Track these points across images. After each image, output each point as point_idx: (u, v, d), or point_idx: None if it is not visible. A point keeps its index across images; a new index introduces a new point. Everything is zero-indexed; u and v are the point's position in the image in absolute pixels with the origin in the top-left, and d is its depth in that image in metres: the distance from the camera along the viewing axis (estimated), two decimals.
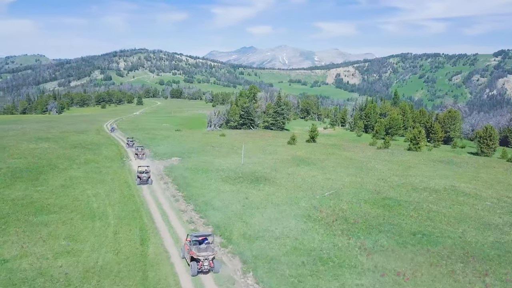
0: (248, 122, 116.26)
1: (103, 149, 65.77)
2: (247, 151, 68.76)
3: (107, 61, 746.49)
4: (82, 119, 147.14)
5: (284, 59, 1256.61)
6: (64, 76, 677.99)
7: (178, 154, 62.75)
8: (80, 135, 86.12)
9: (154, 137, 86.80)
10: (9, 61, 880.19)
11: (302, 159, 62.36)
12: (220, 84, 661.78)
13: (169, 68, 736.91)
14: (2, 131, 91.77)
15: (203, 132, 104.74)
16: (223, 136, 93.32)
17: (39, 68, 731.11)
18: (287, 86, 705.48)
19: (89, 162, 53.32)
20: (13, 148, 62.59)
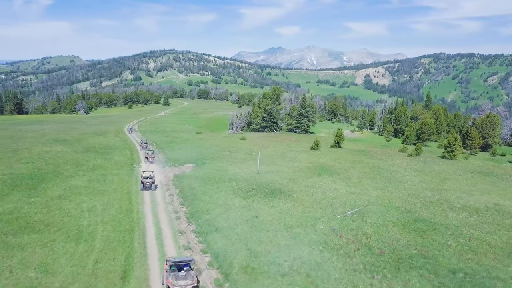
0: (271, 125, 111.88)
1: (115, 154, 63.05)
2: (266, 157, 64.50)
3: (137, 61, 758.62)
4: (105, 120, 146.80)
5: (313, 60, 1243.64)
6: (96, 77, 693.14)
7: (193, 160, 59.16)
8: (98, 137, 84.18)
9: (172, 140, 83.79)
10: (45, 62, 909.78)
11: (325, 167, 57.44)
12: (247, 84, 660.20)
13: (198, 68, 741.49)
14: (23, 132, 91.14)
15: (224, 135, 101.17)
16: (243, 139, 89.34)
17: (73, 69, 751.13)
18: (315, 86, 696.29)
19: (97, 168, 50.40)
20: (25, 152, 60.71)
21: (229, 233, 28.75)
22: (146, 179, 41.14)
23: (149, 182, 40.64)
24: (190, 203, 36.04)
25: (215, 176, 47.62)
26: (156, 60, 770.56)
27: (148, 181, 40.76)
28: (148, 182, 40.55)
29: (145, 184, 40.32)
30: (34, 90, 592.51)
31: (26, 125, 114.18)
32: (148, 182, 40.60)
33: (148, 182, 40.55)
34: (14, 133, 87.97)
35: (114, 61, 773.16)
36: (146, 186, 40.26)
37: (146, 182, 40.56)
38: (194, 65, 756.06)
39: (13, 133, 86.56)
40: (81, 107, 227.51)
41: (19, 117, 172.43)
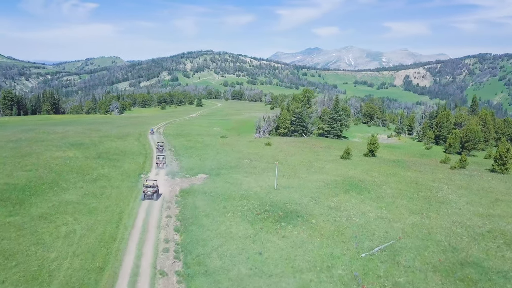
0: (300, 129, 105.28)
1: (127, 160, 58.90)
2: (289, 167, 58.32)
3: (175, 62, 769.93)
4: (134, 121, 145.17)
5: (350, 60, 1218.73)
6: (135, 77, 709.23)
7: (207, 169, 53.95)
8: (117, 141, 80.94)
9: (193, 145, 79.13)
10: (89, 63, 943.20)
11: (354, 182, 50.51)
12: (282, 85, 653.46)
13: (233, 69, 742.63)
14: (46, 133, 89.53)
15: (250, 139, 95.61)
16: (269, 145, 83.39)
17: (114, 69, 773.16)
18: (352, 87, 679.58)
19: (100, 178, 46.12)
20: (33, 157, 57.71)
21: (221, 277, 22.97)
22: (148, 188, 38.65)
23: (150, 191, 38.16)
24: (186, 229, 30.59)
25: (225, 191, 42.02)
26: (193, 61, 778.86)
27: (150, 190, 38.27)
28: (150, 192, 38.13)
29: (146, 193, 38.01)
30: (77, 90, 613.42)
31: (54, 126, 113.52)
32: (149, 191, 38.16)
33: (150, 192, 38.13)
34: (36, 135, 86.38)
35: (153, 61, 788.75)
36: (147, 195, 37.94)
37: (147, 191, 38.19)
38: (230, 66, 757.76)
39: (35, 135, 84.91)
40: (115, 107, 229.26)
41: (53, 117, 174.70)
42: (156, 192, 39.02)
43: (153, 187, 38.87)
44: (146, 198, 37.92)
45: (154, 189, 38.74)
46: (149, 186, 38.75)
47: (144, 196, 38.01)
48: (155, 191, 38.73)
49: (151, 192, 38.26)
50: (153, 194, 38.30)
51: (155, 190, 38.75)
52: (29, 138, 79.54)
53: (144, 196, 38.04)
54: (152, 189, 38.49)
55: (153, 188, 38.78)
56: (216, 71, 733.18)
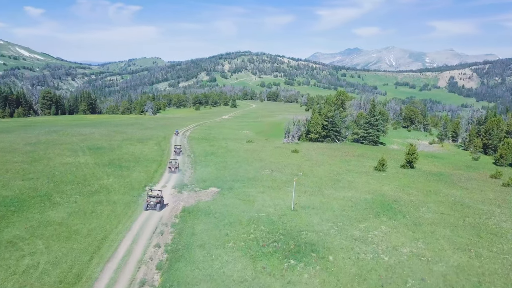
0: (333, 134, 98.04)
1: (138, 168, 54.66)
2: (313, 180, 51.95)
3: (213, 63, 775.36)
4: (164, 123, 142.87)
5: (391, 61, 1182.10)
6: (174, 77, 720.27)
7: (221, 182, 48.59)
8: (137, 145, 77.45)
9: (214, 151, 74.18)
10: (131, 63, 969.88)
11: (387, 202, 43.41)
12: (320, 86, 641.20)
13: (271, 70, 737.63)
14: (69, 135, 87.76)
15: (277, 144, 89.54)
16: (295, 152, 77.03)
17: (154, 70, 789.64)
18: (393, 89, 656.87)
19: (100, 191, 41.84)
20: (42, 163, 54.71)
21: None
22: (151, 198, 37.03)
23: (153, 201, 36.64)
24: (171, 267, 25.16)
25: (233, 212, 36.35)
26: (231, 61, 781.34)
27: (153, 200, 36.73)
28: (153, 202, 36.62)
29: (149, 203, 36.56)
30: (119, 90, 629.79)
31: (82, 127, 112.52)
32: (152, 201, 36.64)
33: (153, 202, 36.62)
34: (58, 137, 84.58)
35: (192, 62, 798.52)
36: (150, 205, 36.53)
37: (150, 201, 36.67)
38: (268, 67, 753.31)
39: (56, 138, 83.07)
40: (150, 107, 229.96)
41: (87, 117, 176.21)
42: (160, 203, 37.15)
43: (156, 198, 37.07)
44: (149, 208, 36.36)
45: (157, 199, 36.95)
46: (153, 196, 37.04)
47: (147, 206, 36.47)
48: (158, 201, 36.90)
49: (154, 202, 36.54)
50: (156, 205, 36.58)
51: (158, 201, 36.92)
52: (49, 141, 77.57)
53: (147, 206, 36.49)
54: (155, 200, 36.73)
55: (156, 198, 37.01)
56: (254, 72, 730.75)
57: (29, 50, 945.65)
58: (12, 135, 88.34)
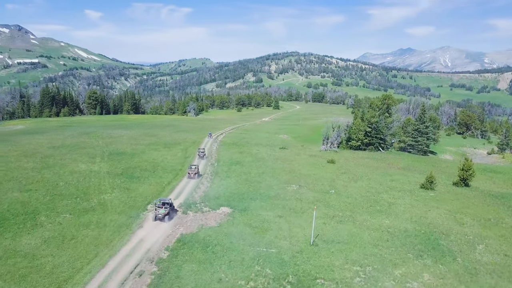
0: (376, 142, 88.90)
1: (150, 179, 49.77)
2: (347, 200, 44.40)
3: (260, 64, 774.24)
4: (201, 125, 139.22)
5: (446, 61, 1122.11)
6: (221, 78, 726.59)
7: (237, 200, 42.37)
8: (162, 150, 73.25)
9: (242, 159, 68.18)
10: (181, 64, 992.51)
11: (433, 235, 35.04)
12: (369, 87, 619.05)
13: (318, 70, 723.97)
14: (98, 137, 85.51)
15: (312, 152, 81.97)
16: (332, 163, 69.24)
17: (203, 70, 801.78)
18: (448, 91, 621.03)
19: (95, 208, 37.07)
20: (52, 170, 51.33)
21: None
22: (160, 208, 35.19)
23: (161, 214, 34.94)
24: None
25: (237, 246, 29.91)
26: (278, 62, 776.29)
27: (161, 212, 34.99)
28: (161, 214, 34.92)
29: (157, 216, 35.07)
30: (168, 90, 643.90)
31: (115, 129, 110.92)
32: (160, 214, 34.94)
33: (161, 214, 34.92)
34: (85, 140, 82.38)
35: (239, 63, 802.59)
36: (158, 217, 35.01)
37: (158, 212, 35.03)
38: (315, 67, 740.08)
39: (83, 140, 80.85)
40: (192, 108, 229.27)
41: (128, 117, 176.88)
42: (168, 214, 35.27)
43: (165, 208, 35.25)
44: (157, 219, 34.96)
45: (166, 210, 35.15)
46: (161, 207, 35.28)
47: (156, 217, 35.01)
48: (166, 213, 35.07)
49: (162, 214, 34.87)
50: (164, 217, 34.92)
51: (166, 212, 35.08)
52: (73, 144, 75.15)
53: (155, 217, 35.07)
54: (164, 210, 35.01)
55: (165, 209, 35.16)
56: (301, 72, 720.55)
57: (87, 51, 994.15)
58: (43, 136, 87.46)
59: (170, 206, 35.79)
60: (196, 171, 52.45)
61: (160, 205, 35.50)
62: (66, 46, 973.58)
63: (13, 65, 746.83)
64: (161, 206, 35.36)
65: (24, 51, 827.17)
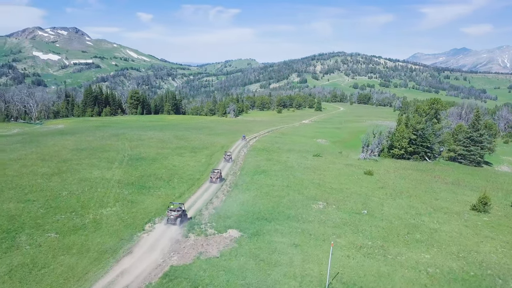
0: (422, 151, 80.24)
1: (159, 191, 45.50)
2: (380, 224, 37.79)
3: (305, 64, 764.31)
4: (237, 127, 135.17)
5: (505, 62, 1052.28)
6: (266, 79, 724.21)
7: (250, 220, 36.94)
8: (185, 156, 69.38)
9: (268, 168, 62.67)
10: (227, 65, 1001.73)
11: (487, 281, 27.74)
12: (419, 89, 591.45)
13: (365, 71, 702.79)
14: (124, 140, 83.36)
15: (349, 161, 74.85)
16: (369, 175, 62.07)
17: (247, 71, 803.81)
18: (506, 93, 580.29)
19: (86, 227, 33.08)
20: (60, 177, 48.54)
21: None
22: (171, 211, 34.59)
23: (173, 215, 34.27)
24: None
25: (234, 286, 24.53)
26: (324, 62, 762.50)
27: (173, 214, 34.32)
28: (173, 216, 34.23)
29: (169, 218, 34.29)
30: (214, 90, 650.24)
31: (148, 130, 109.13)
32: (172, 215, 34.28)
33: (173, 216, 34.23)
34: (112, 142, 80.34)
35: (284, 63, 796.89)
36: (170, 219, 34.21)
37: (170, 215, 34.34)
38: (362, 68, 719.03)
39: (110, 143, 78.80)
40: (232, 109, 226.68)
41: (166, 117, 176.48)
42: (180, 217, 34.42)
43: (177, 211, 34.51)
44: (169, 222, 34.10)
45: (178, 213, 34.32)
46: (173, 210, 34.65)
47: (168, 220, 34.25)
48: (178, 215, 34.23)
49: (174, 216, 34.08)
50: (176, 219, 34.04)
51: (178, 215, 34.23)
52: (98, 147, 73.04)
53: (167, 220, 34.27)
54: (175, 213, 34.22)
55: (177, 212, 34.40)
56: (347, 73, 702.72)
57: (137, 52, 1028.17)
58: (73, 137, 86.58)
59: (182, 211, 35.08)
60: (219, 176, 51.15)
61: (173, 208, 34.90)
62: (118, 47, 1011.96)
63: (70, 65, 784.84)
64: (174, 209, 34.65)
65: (80, 52, 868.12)
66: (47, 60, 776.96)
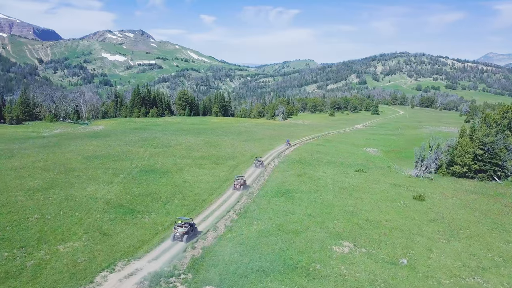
0: (490, 169, 66.09)
1: (148, 219, 37.69)
2: (423, 285, 27.03)
3: (365, 65, 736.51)
4: (279, 132, 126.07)
5: None
6: (323, 79, 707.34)
7: (239, 273, 27.66)
8: (204, 168, 61.92)
9: (294, 187, 52.99)
10: (285, 66, 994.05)
11: None
12: (491, 91, 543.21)
13: (430, 72, 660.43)
14: (147, 147, 77.77)
15: (396, 180, 62.73)
16: (419, 200, 50.22)
17: (305, 72, 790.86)
18: None
19: (17, 276, 25.83)
20: (50, 192, 42.50)
21: None
22: (178, 227, 32.40)
23: (180, 232, 31.97)
24: None
25: None
26: (385, 63, 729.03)
27: (180, 231, 32.03)
28: (180, 233, 31.96)
29: (175, 235, 32.06)
30: (270, 91, 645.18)
31: (184, 134, 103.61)
32: (179, 232, 32.01)
33: (180, 233, 31.96)
34: (136, 148, 74.94)
35: (343, 64, 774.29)
36: (177, 236, 31.98)
37: (177, 231, 32.12)
38: (427, 69, 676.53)
39: (129, 150, 73.36)
40: (280, 112, 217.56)
41: (211, 120, 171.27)
42: (188, 233, 32.40)
43: (184, 227, 32.61)
44: (176, 239, 32.23)
45: (185, 229, 32.36)
46: (180, 226, 32.80)
47: (174, 237, 32.30)
48: (185, 232, 32.25)
49: (181, 233, 32.17)
50: (182, 236, 32.17)
51: (185, 231, 32.26)
52: (114, 154, 67.54)
53: (173, 237, 32.32)
54: (182, 230, 32.28)
55: (184, 228, 32.47)
56: (410, 74, 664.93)
57: (198, 53, 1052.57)
58: (100, 141, 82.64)
59: (190, 226, 32.91)
60: (242, 183, 49.53)
61: (180, 224, 32.85)
62: (180, 49, 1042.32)
63: (134, 66, 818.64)
64: (181, 225, 32.53)
65: (144, 53, 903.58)
66: (114, 61, 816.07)
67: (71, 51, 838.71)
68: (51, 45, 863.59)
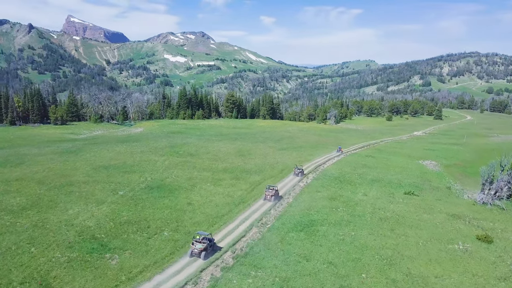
0: None
1: (113, 262, 29.92)
2: None
3: (430, 65, 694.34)
4: (325, 139, 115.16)
5: None
6: (384, 81, 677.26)
7: None
8: (222, 184, 53.77)
9: (322, 217, 42.89)
10: (344, 66, 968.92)
11: None
12: None
13: (504, 74, 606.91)
14: (175, 155, 71.64)
15: (457, 209, 50.03)
16: (486, 242, 37.96)
17: (364, 73, 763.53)
18: None
19: None
20: (15, 218, 36.26)
21: None
22: (197, 243, 30.19)
23: (198, 248, 29.89)
24: None
25: None
26: (452, 64, 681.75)
27: (198, 247, 29.93)
28: (197, 250, 29.91)
29: (193, 251, 30.14)
30: (327, 92, 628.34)
31: (219, 141, 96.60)
32: (197, 248, 29.95)
33: (197, 250, 29.91)
34: (156, 157, 68.84)
35: (406, 65, 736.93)
36: (194, 252, 30.07)
37: (195, 248, 30.09)
38: (500, 70, 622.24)
39: (152, 158, 67.17)
40: (332, 115, 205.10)
41: (256, 123, 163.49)
42: (206, 250, 30.07)
43: (203, 243, 30.09)
44: (194, 255, 30.02)
45: (203, 245, 29.95)
46: (198, 242, 30.21)
47: (191, 253, 30.14)
48: (203, 248, 29.89)
49: (199, 250, 29.83)
50: (200, 253, 29.83)
51: (203, 248, 29.90)
52: (128, 165, 61.39)
53: (191, 253, 30.15)
54: (201, 246, 29.89)
55: (202, 244, 30.02)
56: (480, 75, 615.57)
57: (256, 55, 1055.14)
58: (126, 147, 77.84)
59: (209, 242, 30.95)
60: (274, 193, 46.70)
61: (198, 239, 30.86)
62: (238, 50, 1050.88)
63: (194, 67, 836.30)
64: (200, 241, 30.53)
65: (203, 54, 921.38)
66: (175, 62, 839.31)
67: (136, 53, 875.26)
68: (118, 47, 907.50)
